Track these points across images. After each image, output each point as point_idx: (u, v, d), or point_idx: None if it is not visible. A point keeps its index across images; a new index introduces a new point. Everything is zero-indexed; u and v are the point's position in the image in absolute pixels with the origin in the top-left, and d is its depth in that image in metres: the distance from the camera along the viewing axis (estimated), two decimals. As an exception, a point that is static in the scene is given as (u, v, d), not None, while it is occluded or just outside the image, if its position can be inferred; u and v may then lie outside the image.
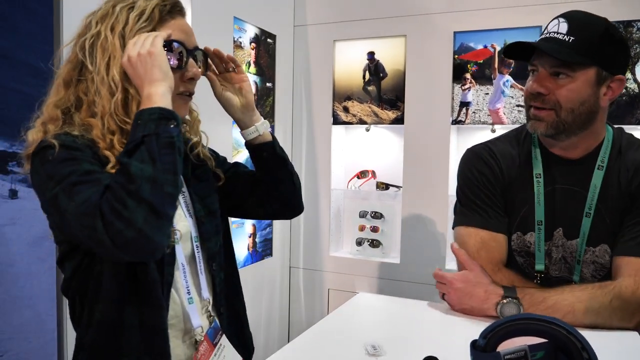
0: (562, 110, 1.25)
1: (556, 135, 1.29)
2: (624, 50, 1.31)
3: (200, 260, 1.10)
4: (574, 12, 1.30)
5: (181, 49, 1.04)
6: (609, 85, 1.27)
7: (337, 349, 1.08)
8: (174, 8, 1.06)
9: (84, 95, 1.01)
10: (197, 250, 1.10)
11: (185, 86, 1.07)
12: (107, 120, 0.98)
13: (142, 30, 1.01)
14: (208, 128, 1.45)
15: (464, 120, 2.53)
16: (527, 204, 1.35)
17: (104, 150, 0.96)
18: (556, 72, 1.25)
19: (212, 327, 1.10)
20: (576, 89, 1.24)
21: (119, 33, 1.00)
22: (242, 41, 2.45)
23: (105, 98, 0.98)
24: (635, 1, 2.20)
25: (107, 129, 0.98)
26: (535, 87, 1.27)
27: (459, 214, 1.43)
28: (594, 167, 1.31)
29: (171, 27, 1.04)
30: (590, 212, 1.29)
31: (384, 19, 2.67)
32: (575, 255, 1.32)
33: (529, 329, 0.79)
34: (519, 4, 2.37)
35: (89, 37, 1.01)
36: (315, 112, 2.85)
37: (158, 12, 1.03)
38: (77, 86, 1.02)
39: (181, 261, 1.05)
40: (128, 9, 1.02)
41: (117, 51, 1.00)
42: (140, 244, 0.85)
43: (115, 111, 0.98)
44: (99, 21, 1.02)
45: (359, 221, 2.84)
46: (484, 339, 0.79)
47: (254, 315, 2.64)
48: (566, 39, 1.23)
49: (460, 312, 1.27)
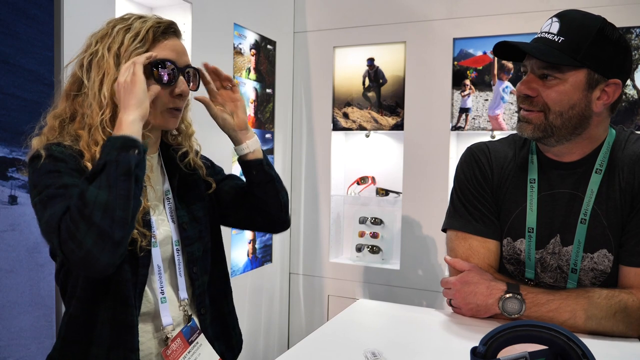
0: (551, 113, 1.21)
1: (544, 138, 1.24)
2: (622, 52, 1.22)
3: (180, 263, 1.19)
4: (569, 11, 1.24)
5: (172, 67, 1.11)
6: (604, 90, 1.20)
7: (337, 355, 1.08)
8: (168, 29, 1.13)
9: (79, 108, 1.10)
10: (177, 253, 1.18)
11: (174, 102, 1.14)
12: (93, 132, 1.06)
13: (137, 50, 1.08)
14: (209, 135, 1.46)
15: (463, 126, 2.53)
16: (518, 209, 1.31)
17: (86, 162, 1.04)
18: (544, 74, 1.21)
19: (188, 325, 1.18)
20: (565, 92, 1.19)
21: (115, 52, 1.08)
22: (242, 47, 2.45)
23: (94, 112, 1.07)
24: (633, 7, 2.21)
25: (92, 140, 1.06)
26: (523, 89, 1.23)
27: (450, 216, 1.39)
28: (592, 170, 1.26)
29: (163, 48, 1.11)
30: (585, 219, 1.24)
31: (384, 26, 2.68)
32: (569, 264, 1.27)
33: (530, 335, 0.78)
34: (519, 10, 2.38)
35: (87, 55, 1.10)
36: (315, 118, 2.86)
37: (152, 33, 1.10)
38: (74, 100, 1.11)
39: (157, 263, 1.13)
40: (125, 30, 1.10)
41: (111, 69, 1.07)
42: (89, 263, 0.93)
43: (102, 124, 1.06)
44: (98, 41, 1.11)
45: (358, 227, 2.84)
46: (484, 345, 0.79)
47: (254, 321, 2.63)
48: (555, 39, 1.19)
49: (468, 315, 1.26)
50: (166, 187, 1.22)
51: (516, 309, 1.19)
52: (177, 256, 1.18)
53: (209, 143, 1.31)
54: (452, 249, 1.36)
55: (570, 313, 1.16)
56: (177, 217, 1.21)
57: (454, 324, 1.25)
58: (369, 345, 1.08)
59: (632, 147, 1.26)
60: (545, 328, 0.77)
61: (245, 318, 2.56)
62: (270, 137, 2.72)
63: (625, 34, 2.20)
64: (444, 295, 1.32)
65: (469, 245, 1.33)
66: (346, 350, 1.08)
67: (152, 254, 1.12)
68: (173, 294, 1.18)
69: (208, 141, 1.33)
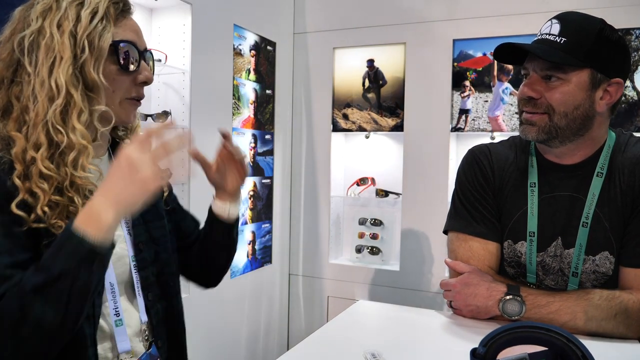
0: (555, 114, 1.20)
1: (549, 140, 1.24)
2: (622, 52, 1.23)
3: (138, 282, 1.02)
4: (568, 13, 1.24)
5: (136, 52, 0.97)
6: (606, 89, 1.21)
7: (336, 356, 1.08)
8: (126, 6, 0.98)
9: (16, 100, 0.90)
10: (134, 270, 1.02)
11: (137, 90, 1.00)
12: (34, 133, 0.87)
13: (102, 32, 0.91)
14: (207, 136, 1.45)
15: (463, 128, 2.53)
16: (519, 212, 1.31)
17: (15, 178, 0.85)
18: (548, 75, 1.20)
19: (148, 352, 1.03)
20: (569, 92, 1.19)
21: (70, 32, 0.89)
22: (242, 48, 2.45)
23: (41, 104, 0.88)
24: (633, 9, 2.21)
25: (32, 143, 0.87)
26: (527, 91, 1.22)
27: (452, 218, 1.39)
28: (593, 173, 1.25)
29: (125, 28, 0.96)
30: (587, 222, 1.24)
31: (384, 27, 2.68)
32: (571, 267, 1.27)
33: (529, 337, 0.78)
34: (518, 12, 2.38)
35: (28, 34, 0.90)
36: (314, 119, 2.86)
37: (113, 10, 0.94)
38: (9, 89, 0.91)
39: (109, 280, 0.96)
40: (77, 4, 0.91)
41: (67, 52, 0.89)
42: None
43: (50, 122, 0.88)
44: (39, 16, 0.90)
45: (358, 228, 2.83)
46: (484, 347, 0.79)
47: (253, 322, 2.63)
48: (558, 40, 1.19)
49: (469, 316, 1.26)
50: None
51: (516, 311, 1.19)
52: (135, 274, 1.02)
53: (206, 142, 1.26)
54: (453, 250, 1.36)
55: (570, 315, 1.16)
56: (134, 233, 1.03)
57: (454, 325, 1.25)
58: (369, 346, 1.08)
59: (633, 149, 1.26)
60: (545, 329, 0.77)
61: (245, 319, 2.56)
62: (270, 138, 2.72)
63: (625, 35, 2.20)
64: (444, 297, 1.31)
65: (470, 247, 1.33)
66: (346, 352, 1.08)
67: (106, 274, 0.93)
68: (132, 316, 1.01)
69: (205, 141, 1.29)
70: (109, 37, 0.92)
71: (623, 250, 1.23)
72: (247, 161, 1.09)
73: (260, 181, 2.65)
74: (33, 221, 0.85)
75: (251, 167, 2.56)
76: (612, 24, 1.22)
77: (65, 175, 0.89)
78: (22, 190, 0.85)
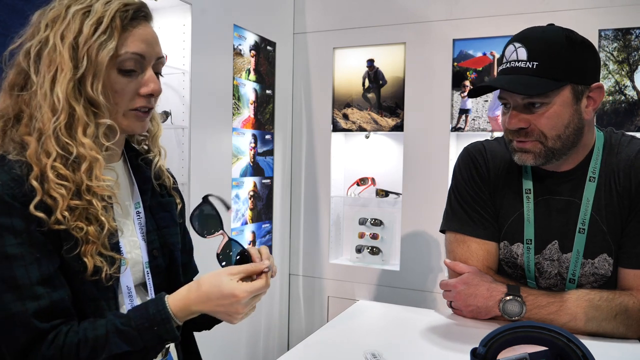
0: (549, 139, 1.18)
1: (547, 162, 1.22)
2: (591, 54, 1.20)
3: (151, 288, 1.03)
4: (526, 31, 1.20)
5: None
6: (589, 96, 1.19)
7: (337, 356, 1.08)
8: (138, 14, 0.93)
9: (26, 107, 0.90)
10: (147, 276, 1.03)
11: (142, 101, 0.96)
12: (44, 141, 0.87)
13: (103, 44, 0.88)
14: (208, 134, 1.45)
15: (463, 127, 2.53)
16: (514, 214, 1.30)
17: (32, 180, 0.85)
18: (530, 103, 1.17)
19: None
20: (556, 114, 1.16)
21: (70, 43, 0.87)
22: (242, 49, 2.45)
23: (45, 116, 0.87)
24: (633, 9, 2.21)
25: (43, 150, 0.87)
26: (514, 123, 1.18)
27: (448, 218, 1.38)
28: (586, 178, 1.25)
29: (133, 38, 0.92)
30: (583, 228, 1.23)
31: (384, 27, 2.68)
32: (568, 271, 1.26)
33: (530, 337, 0.78)
34: (518, 11, 2.38)
35: (35, 43, 0.89)
36: (314, 119, 2.86)
37: (119, 19, 0.90)
38: (20, 95, 0.91)
39: (127, 284, 0.97)
40: (83, 13, 0.89)
41: (66, 64, 0.87)
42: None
43: (56, 133, 0.87)
44: (49, 24, 0.89)
45: (358, 228, 2.83)
46: (484, 346, 0.79)
47: (254, 322, 2.63)
48: (529, 66, 1.14)
49: (469, 316, 1.26)
50: (135, 199, 1.03)
51: (517, 311, 1.19)
52: (149, 280, 1.03)
53: (206, 143, 1.26)
54: (451, 251, 1.36)
55: (570, 315, 1.16)
56: (148, 239, 1.03)
57: (454, 325, 1.25)
58: (369, 346, 1.08)
59: (626, 150, 1.25)
60: (545, 329, 0.77)
61: (245, 319, 2.55)
62: (270, 138, 2.72)
63: (625, 35, 2.20)
64: (444, 297, 1.31)
65: (468, 247, 1.33)
66: (346, 352, 1.08)
67: (121, 280, 0.96)
68: None
69: (205, 141, 1.29)
70: (109, 50, 0.89)
71: (622, 252, 1.23)
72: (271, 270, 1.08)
73: (261, 181, 2.65)
74: (53, 223, 0.86)
75: (251, 167, 2.56)
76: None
77: (80, 181, 0.89)
78: (39, 191, 0.85)
